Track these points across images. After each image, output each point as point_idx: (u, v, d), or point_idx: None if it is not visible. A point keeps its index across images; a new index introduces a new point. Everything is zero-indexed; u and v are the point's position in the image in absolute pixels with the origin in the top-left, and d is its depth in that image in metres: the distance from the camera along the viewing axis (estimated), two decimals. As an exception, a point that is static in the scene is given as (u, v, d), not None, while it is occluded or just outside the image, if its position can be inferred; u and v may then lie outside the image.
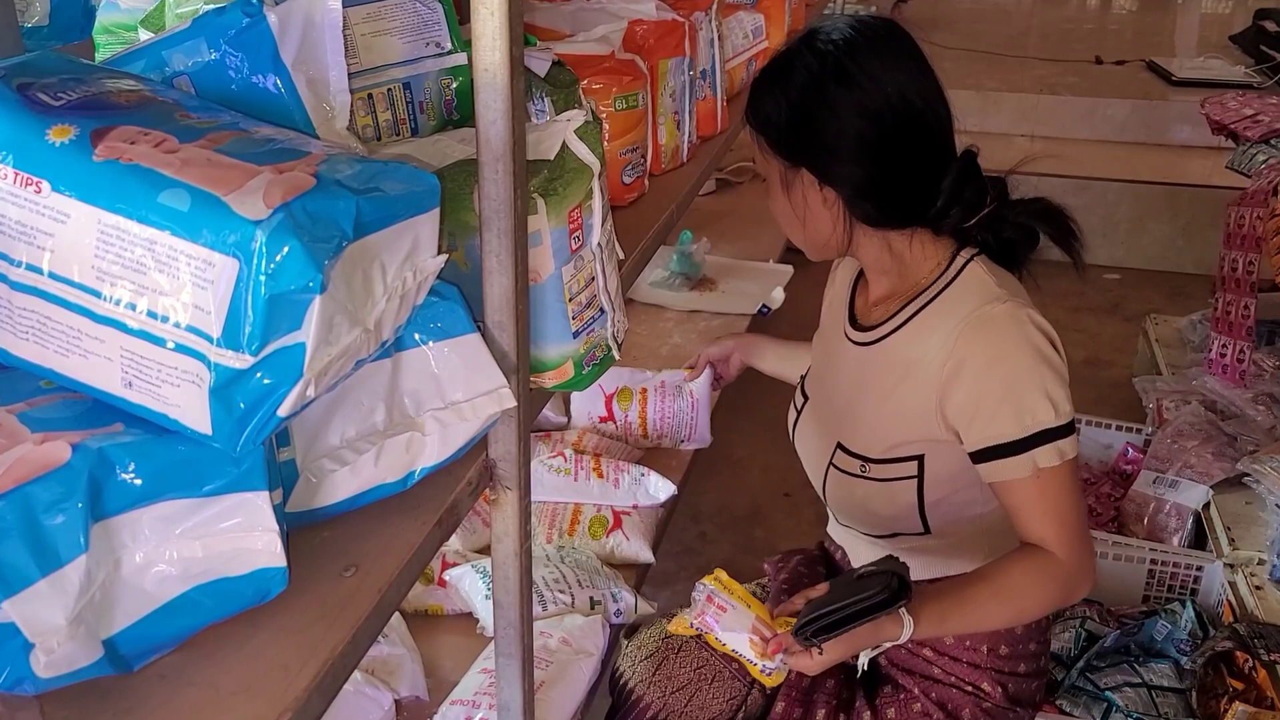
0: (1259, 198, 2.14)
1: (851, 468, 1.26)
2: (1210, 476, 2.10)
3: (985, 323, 1.14)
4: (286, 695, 0.67)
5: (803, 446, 1.39)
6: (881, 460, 1.24)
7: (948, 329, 1.16)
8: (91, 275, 0.62)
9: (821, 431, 1.33)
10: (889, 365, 1.23)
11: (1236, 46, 4.81)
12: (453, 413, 0.84)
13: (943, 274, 1.21)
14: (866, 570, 1.12)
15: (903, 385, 1.20)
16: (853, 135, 1.15)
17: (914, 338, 1.20)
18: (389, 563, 0.79)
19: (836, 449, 1.28)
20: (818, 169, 1.18)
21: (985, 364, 1.14)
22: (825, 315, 1.41)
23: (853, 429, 1.27)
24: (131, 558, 0.64)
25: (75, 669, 0.61)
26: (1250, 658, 1.68)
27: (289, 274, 0.60)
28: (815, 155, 1.17)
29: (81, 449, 0.61)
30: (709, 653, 1.35)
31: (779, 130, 1.19)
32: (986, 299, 1.16)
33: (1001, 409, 1.13)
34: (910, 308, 1.22)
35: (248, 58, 0.80)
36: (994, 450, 1.14)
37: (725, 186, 3.61)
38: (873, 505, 1.28)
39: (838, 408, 1.31)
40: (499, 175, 0.83)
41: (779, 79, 1.19)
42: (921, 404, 1.19)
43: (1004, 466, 1.14)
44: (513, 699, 1.05)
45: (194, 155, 0.63)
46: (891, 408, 1.22)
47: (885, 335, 1.24)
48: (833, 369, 1.34)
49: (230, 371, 0.62)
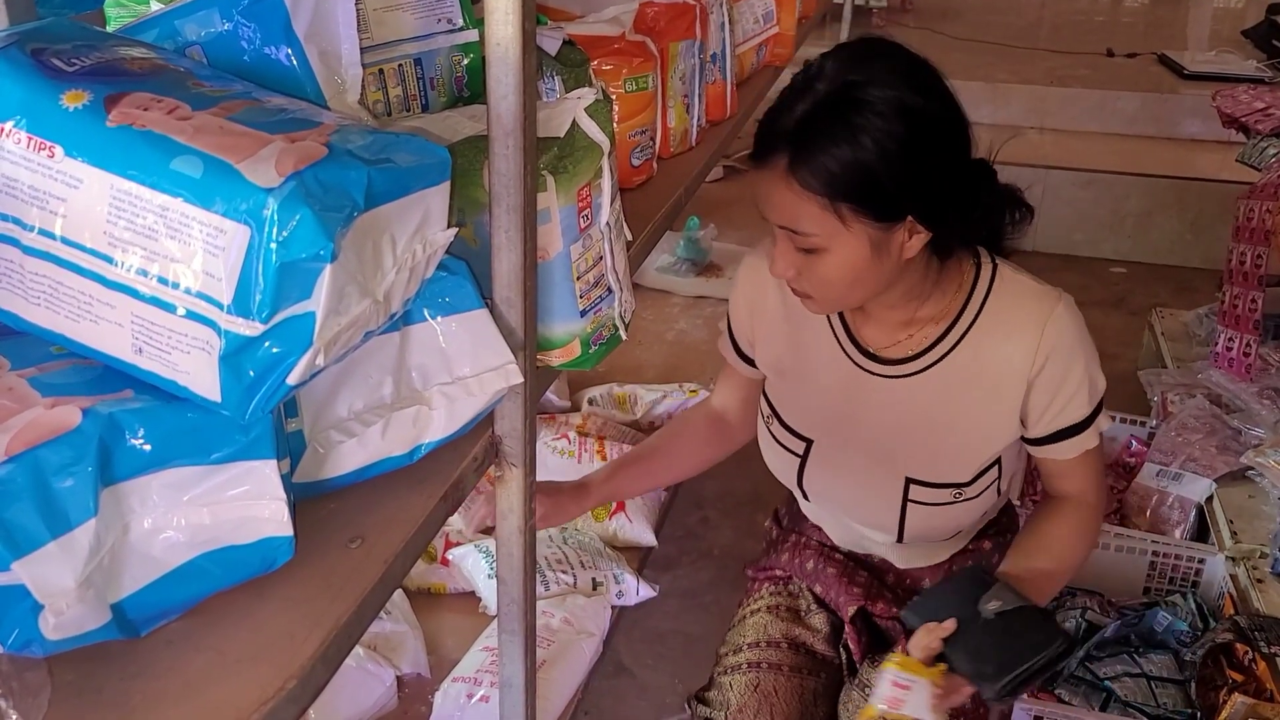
0: (1269, 191, 2.13)
1: (940, 498, 1.23)
2: (1214, 470, 2.10)
3: (1061, 320, 1.16)
4: (292, 663, 0.67)
5: (826, 489, 1.31)
6: (974, 480, 1.23)
7: (1026, 333, 1.15)
8: (104, 241, 0.62)
9: (868, 470, 1.25)
10: (958, 386, 1.19)
11: (1249, 41, 4.78)
12: (460, 388, 0.84)
13: (975, 284, 1.19)
14: (992, 600, 1.13)
15: (984, 401, 1.19)
16: (942, 166, 1.07)
17: (981, 350, 1.18)
18: (394, 535, 0.80)
19: (909, 485, 1.23)
20: (923, 213, 1.07)
21: (1067, 358, 1.17)
22: (789, 355, 1.28)
23: (930, 461, 1.22)
24: (140, 523, 0.65)
25: (83, 632, 0.62)
26: (1250, 650, 1.69)
27: (300, 242, 0.61)
28: (919, 200, 1.06)
29: (92, 414, 0.61)
30: None
31: (871, 195, 1.04)
32: (1045, 296, 1.18)
33: (1078, 394, 1.18)
34: (959, 326, 1.18)
35: (260, 28, 0.80)
36: (1066, 431, 1.19)
37: (733, 174, 3.61)
38: (961, 521, 1.28)
39: (888, 444, 1.24)
40: (509, 151, 0.83)
41: (849, 148, 1.03)
42: (1007, 412, 1.19)
43: (1072, 444, 1.20)
44: (515, 675, 1.06)
45: (207, 123, 0.63)
46: (975, 426, 1.20)
47: (938, 359, 1.19)
48: (857, 405, 1.24)
49: (240, 339, 0.62)
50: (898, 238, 1.08)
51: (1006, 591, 1.15)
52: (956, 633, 1.13)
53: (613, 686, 1.98)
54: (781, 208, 1.06)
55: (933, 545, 1.33)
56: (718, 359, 1.43)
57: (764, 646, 1.33)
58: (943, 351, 1.19)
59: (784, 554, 1.43)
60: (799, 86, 1.07)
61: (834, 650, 1.34)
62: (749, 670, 1.31)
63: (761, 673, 1.30)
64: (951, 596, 1.18)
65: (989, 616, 1.13)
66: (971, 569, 1.22)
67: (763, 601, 1.41)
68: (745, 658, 1.33)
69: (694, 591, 2.23)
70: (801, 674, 1.30)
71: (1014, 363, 1.16)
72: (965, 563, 1.35)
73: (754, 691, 1.28)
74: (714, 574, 2.29)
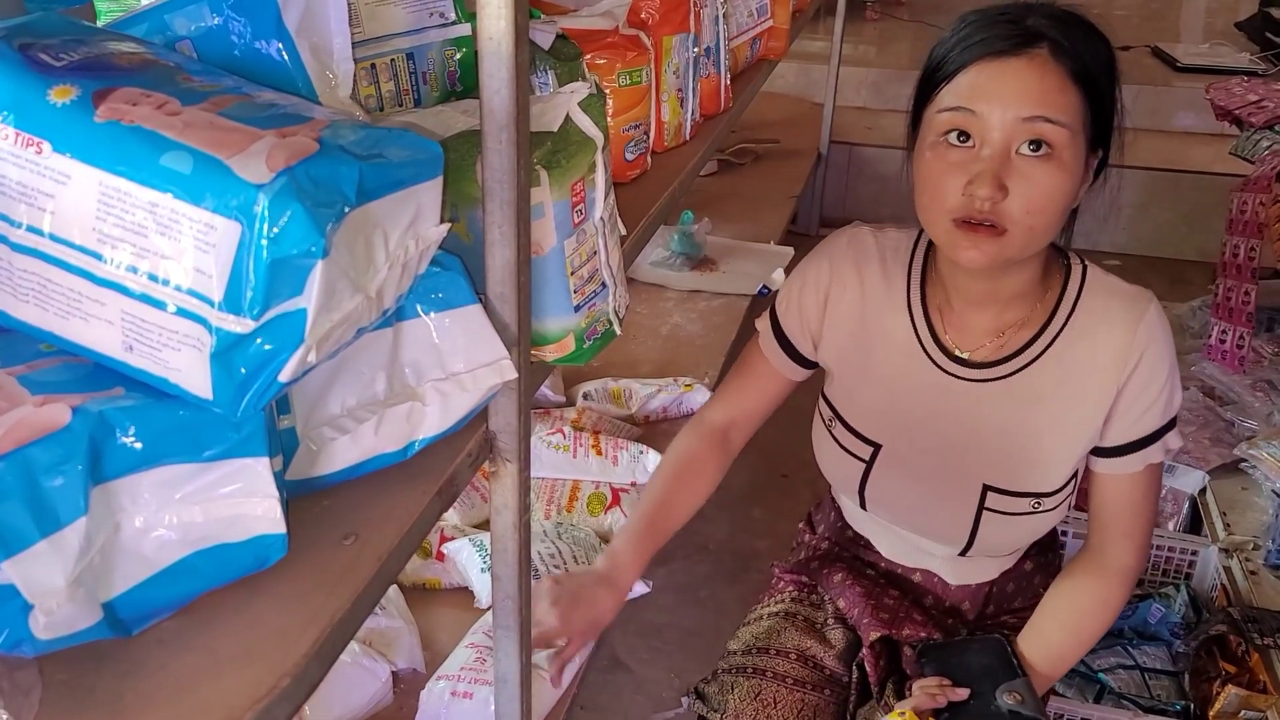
0: (1262, 184, 2.14)
1: (1019, 508, 1.20)
2: (1207, 462, 2.11)
3: (1153, 323, 1.13)
4: (285, 661, 0.67)
5: (891, 497, 1.27)
6: (1059, 490, 1.20)
7: (1120, 335, 1.13)
8: (93, 237, 0.61)
9: (942, 477, 1.22)
10: (1047, 390, 1.16)
11: (1242, 33, 4.78)
12: (453, 383, 0.84)
13: (1066, 284, 1.17)
14: (1011, 694, 1.15)
15: (1073, 405, 1.16)
16: (1120, 113, 1.11)
17: (1072, 352, 1.15)
18: (389, 532, 0.79)
19: (986, 492, 1.20)
20: (1106, 151, 1.11)
21: (1156, 362, 1.13)
22: (857, 353, 1.24)
23: (1012, 468, 1.19)
24: (131, 521, 0.64)
25: (74, 631, 0.62)
26: (1243, 642, 1.69)
27: (291, 238, 0.60)
28: (1108, 133, 1.10)
29: (82, 412, 0.61)
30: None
31: (1102, 103, 1.08)
32: (1137, 297, 1.15)
33: (1158, 403, 1.14)
34: (1052, 327, 1.16)
35: (251, 23, 0.79)
36: (1138, 442, 1.16)
37: (727, 168, 3.60)
38: (1036, 532, 1.26)
39: (967, 450, 1.20)
40: (503, 145, 0.83)
41: (1103, 47, 1.08)
42: (1095, 417, 1.15)
43: (1139, 457, 1.16)
44: (510, 670, 1.06)
45: (196, 118, 0.63)
46: (1062, 432, 1.17)
47: (1030, 362, 1.16)
48: (934, 409, 1.21)
49: (231, 336, 0.62)
50: (1086, 173, 1.09)
51: (1029, 693, 1.15)
52: (964, 705, 1.14)
53: (609, 681, 1.99)
54: (1040, 94, 1.03)
55: (991, 561, 1.31)
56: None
57: (772, 654, 1.32)
58: (1035, 354, 1.16)
59: (814, 561, 1.41)
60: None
61: (845, 668, 1.31)
62: (753, 675, 1.29)
63: (765, 681, 1.28)
64: (973, 661, 1.19)
65: (1001, 710, 1.14)
66: (1003, 642, 1.22)
67: (782, 606, 1.39)
68: (752, 661, 1.31)
69: (690, 586, 2.24)
70: (805, 688, 1.29)
71: (1106, 366, 1.13)
72: (1008, 586, 1.34)
73: (754, 700, 1.26)
74: (710, 568, 2.29)
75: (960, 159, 1.05)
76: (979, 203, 1.03)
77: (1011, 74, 1.04)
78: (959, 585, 1.32)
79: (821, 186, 3.94)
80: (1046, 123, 1.02)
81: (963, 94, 1.05)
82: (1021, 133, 1.03)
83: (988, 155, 1.03)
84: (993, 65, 1.05)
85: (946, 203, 1.06)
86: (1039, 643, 1.21)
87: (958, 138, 1.06)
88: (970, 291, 1.17)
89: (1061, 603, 1.22)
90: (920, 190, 1.10)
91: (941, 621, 1.30)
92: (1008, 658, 1.19)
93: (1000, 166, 1.03)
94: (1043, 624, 1.22)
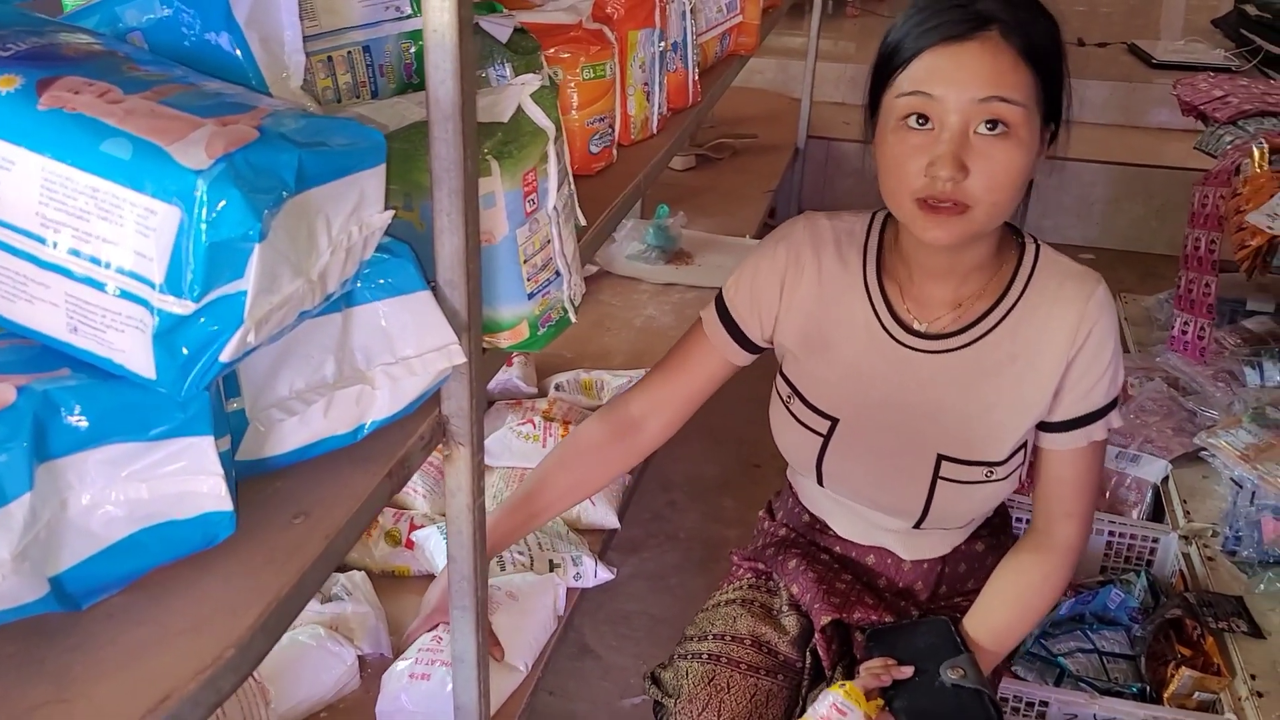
0: (1222, 178, 2.17)
1: (973, 476, 1.24)
2: (1170, 451, 2.15)
3: (1101, 301, 1.19)
4: (231, 634, 0.69)
5: (848, 470, 1.29)
6: (1008, 459, 1.24)
7: (1070, 311, 1.18)
8: (36, 222, 0.63)
9: (898, 448, 1.25)
10: (1001, 361, 1.21)
11: (1219, 30, 4.83)
12: (403, 367, 0.86)
13: (1020, 261, 1.22)
14: (955, 669, 1.18)
15: (1024, 377, 1.20)
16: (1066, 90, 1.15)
17: (1025, 326, 1.20)
18: (338, 512, 0.81)
19: (940, 462, 1.24)
20: (1057, 124, 1.16)
21: (1103, 339, 1.19)
22: (817, 332, 1.27)
23: (966, 438, 1.23)
24: (78, 499, 0.66)
25: (20, 604, 0.63)
26: (1198, 625, 1.73)
27: (229, 223, 0.62)
28: (1059, 108, 1.14)
29: (27, 391, 0.62)
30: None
31: (1053, 80, 1.12)
32: (1086, 276, 1.20)
33: (1103, 380, 1.20)
34: (1005, 301, 1.21)
35: (200, 15, 0.81)
36: (1083, 418, 1.21)
37: (705, 162, 3.62)
38: (988, 503, 1.29)
39: (922, 420, 1.24)
40: (449, 135, 0.85)
41: (1049, 25, 1.12)
42: (1045, 389, 1.20)
43: (1084, 433, 1.22)
44: (467, 651, 1.08)
45: (138, 106, 0.64)
46: (1013, 402, 1.21)
47: (984, 334, 1.21)
48: (891, 381, 1.24)
49: (173, 317, 0.63)
50: (1042, 146, 1.13)
51: (972, 667, 1.18)
52: (909, 681, 1.17)
53: (576, 668, 2.01)
54: (994, 75, 1.07)
55: (943, 535, 1.34)
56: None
57: (728, 640, 1.34)
58: (988, 326, 1.21)
59: (769, 548, 1.43)
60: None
61: (799, 654, 1.34)
62: (708, 661, 1.32)
63: (719, 667, 1.31)
64: (920, 641, 1.22)
65: (945, 684, 1.17)
66: (947, 622, 1.24)
67: (739, 593, 1.41)
68: (707, 648, 1.33)
69: (660, 574, 2.26)
70: (759, 674, 1.31)
71: (1056, 340, 1.18)
72: (959, 566, 1.36)
73: (707, 685, 1.29)
74: (680, 557, 2.32)
75: (921, 142, 1.09)
76: (941, 183, 1.07)
77: (966, 57, 1.08)
78: (913, 563, 1.35)
79: (799, 181, 3.96)
80: (1002, 102, 1.07)
81: (920, 79, 1.09)
82: (978, 113, 1.07)
83: (947, 137, 1.08)
84: (947, 50, 1.09)
85: (910, 184, 1.10)
86: (985, 619, 1.25)
87: (917, 121, 1.10)
88: (931, 265, 1.21)
89: (1007, 581, 1.26)
90: (884, 173, 1.14)
91: (894, 604, 1.33)
92: (951, 636, 1.21)
93: (960, 147, 1.07)
94: (989, 601, 1.26)
